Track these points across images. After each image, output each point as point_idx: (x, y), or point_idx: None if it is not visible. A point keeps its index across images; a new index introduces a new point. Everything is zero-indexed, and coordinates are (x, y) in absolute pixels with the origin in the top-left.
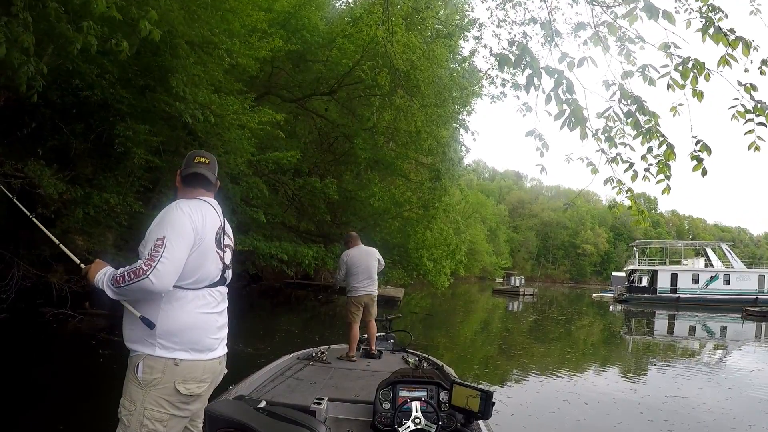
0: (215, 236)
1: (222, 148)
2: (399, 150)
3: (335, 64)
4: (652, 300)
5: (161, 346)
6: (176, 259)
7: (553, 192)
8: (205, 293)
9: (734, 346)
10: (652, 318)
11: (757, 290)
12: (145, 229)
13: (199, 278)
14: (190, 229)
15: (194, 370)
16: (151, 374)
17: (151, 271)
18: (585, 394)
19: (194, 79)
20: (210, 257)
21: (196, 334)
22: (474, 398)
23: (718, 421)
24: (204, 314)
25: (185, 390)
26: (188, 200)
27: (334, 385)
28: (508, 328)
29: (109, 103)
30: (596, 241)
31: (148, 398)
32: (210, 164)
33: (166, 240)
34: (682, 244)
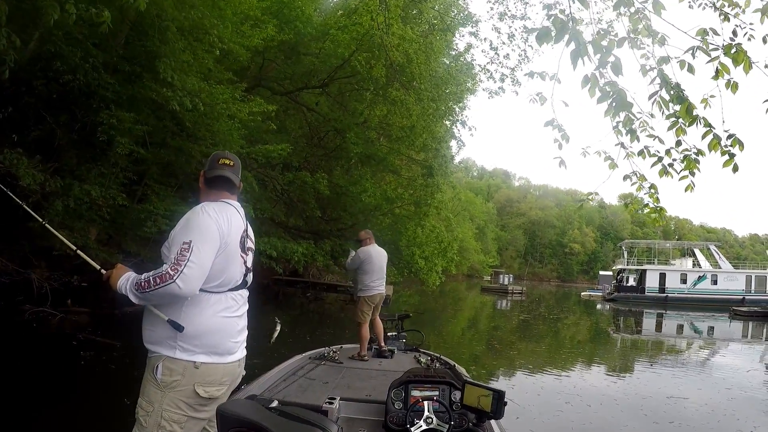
0: (240, 240)
1: (210, 139)
2: (391, 145)
3: (328, 56)
4: (640, 299)
5: (182, 349)
6: (203, 263)
7: (541, 191)
8: (228, 297)
9: (726, 346)
10: (641, 317)
11: (744, 290)
12: (129, 224)
13: (223, 282)
14: (217, 233)
15: (214, 373)
16: (171, 376)
17: (178, 276)
18: (586, 396)
19: (183, 65)
20: (235, 261)
21: (217, 338)
22: (486, 398)
23: (722, 423)
24: (225, 318)
25: (204, 393)
26: (213, 203)
27: (346, 385)
28: (500, 326)
29: (93, 90)
30: (583, 240)
31: (166, 400)
32: (234, 166)
33: (192, 244)
34: (670, 245)
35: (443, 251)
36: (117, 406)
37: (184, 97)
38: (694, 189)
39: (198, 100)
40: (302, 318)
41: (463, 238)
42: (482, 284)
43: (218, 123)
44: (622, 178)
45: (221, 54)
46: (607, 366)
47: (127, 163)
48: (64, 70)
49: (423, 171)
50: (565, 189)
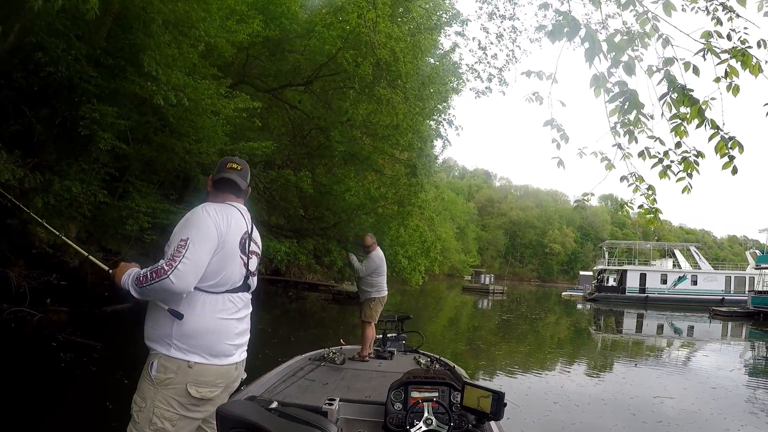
0: (240, 241)
1: (194, 135)
2: (376, 144)
3: (313, 53)
4: (621, 299)
5: (176, 347)
6: (198, 260)
7: (522, 191)
8: (225, 298)
9: (708, 346)
10: (621, 317)
11: (723, 291)
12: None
13: (220, 281)
14: (215, 232)
15: (207, 374)
16: (165, 374)
17: (172, 271)
18: (573, 396)
19: (168, 60)
20: (233, 262)
21: (212, 339)
22: (486, 399)
23: (710, 422)
24: (222, 319)
25: (197, 393)
26: (215, 204)
27: (345, 386)
28: (483, 326)
29: (76, 83)
30: (564, 240)
31: (158, 397)
32: (242, 171)
33: (189, 241)
34: (650, 245)
35: (426, 251)
36: (98, 410)
37: (169, 91)
38: (691, 191)
39: (183, 95)
40: (284, 318)
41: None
42: (463, 284)
43: (202, 119)
44: (620, 179)
45: (206, 49)
46: (591, 366)
47: (108, 159)
48: (46, 62)
49: (407, 170)
50: (545, 190)
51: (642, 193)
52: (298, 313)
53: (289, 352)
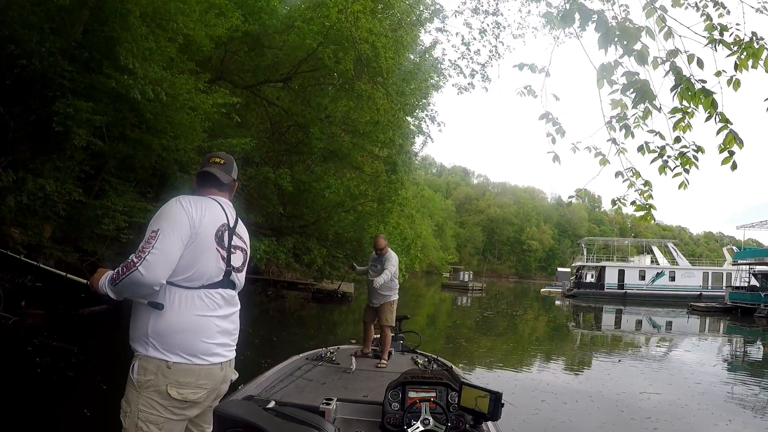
0: (215, 233)
1: (171, 132)
2: (355, 141)
3: (293, 49)
4: (599, 295)
5: (154, 347)
6: (168, 251)
7: (500, 189)
8: (202, 294)
9: (689, 341)
10: (601, 313)
11: (701, 286)
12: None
13: (193, 275)
14: (186, 222)
15: (188, 374)
16: (145, 375)
17: (141, 263)
18: (561, 393)
19: (145, 53)
20: (207, 254)
21: (188, 337)
22: (483, 399)
23: (698, 417)
24: (199, 316)
25: (177, 395)
26: (191, 196)
27: (343, 386)
28: (464, 323)
29: (50, 78)
30: (541, 237)
31: (141, 400)
32: (224, 165)
33: (159, 232)
34: (628, 242)
35: (407, 248)
36: (76, 417)
37: (146, 85)
38: (688, 186)
39: (160, 89)
40: (264, 317)
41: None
42: (442, 281)
43: (180, 115)
44: (615, 174)
45: (184, 43)
46: (575, 362)
47: (83, 156)
48: (19, 54)
49: (387, 167)
50: (523, 187)
51: (636, 189)
52: (278, 312)
53: (272, 352)
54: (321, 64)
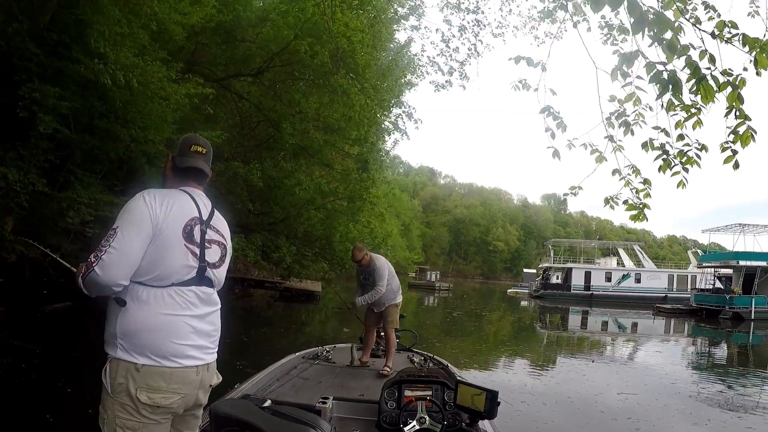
0: (183, 229)
1: (140, 122)
2: (327, 137)
3: (266, 42)
4: (566, 296)
5: (122, 348)
6: (125, 249)
7: (466, 189)
8: (172, 292)
9: (657, 342)
10: (567, 314)
11: (666, 288)
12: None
13: (161, 274)
14: (147, 218)
15: (158, 377)
16: (116, 379)
17: (97, 263)
18: (539, 394)
19: (116, 38)
20: (173, 251)
21: (157, 338)
22: (479, 397)
23: (677, 417)
24: (168, 316)
25: (147, 399)
26: (157, 190)
27: (339, 385)
28: (434, 323)
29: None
30: (507, 238)
31: (116, 405)
32: (206, 154)
33: (118, 230)
34: (595, 244)
35: (377, 247)
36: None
37: (117, 71)
38: (686, 186)
39: (132, 75)
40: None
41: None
42: (408, 280)
43: (151, 104)
44: (611, 172)
45: (157, 31)
46: (550, 363)
47: (49, 145)
48: None
49: (358, 165)
50: (490, 188)
51: (632, 188)
52: (244, 311)
53: (244, 353)
54: (295, 59)
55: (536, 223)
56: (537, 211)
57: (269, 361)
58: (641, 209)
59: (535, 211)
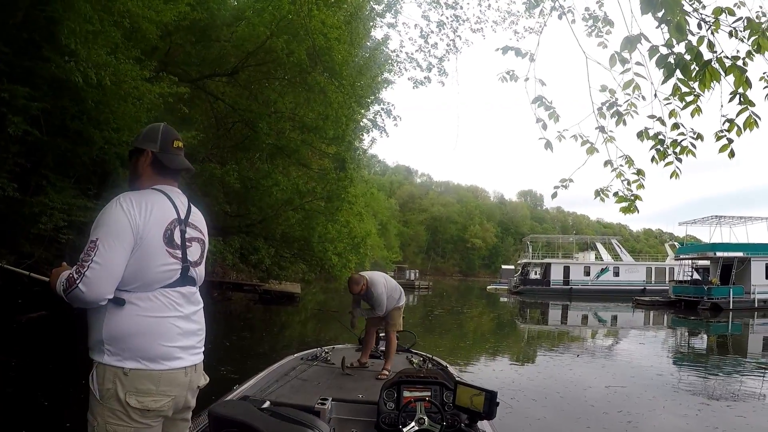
0: (164, 234)
1: (114, 123)
2: (304, 137)
3: (241, 40)
4: (545, 291)
5: (109, 353)
6: (109, 263)
7: (443, 187)
8: (157, 294)
9: (639, 334)
10: (547, 309)
11: (644, 281)
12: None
13: (145, 283)
14: (128, 228)
15: (147, 381)
16: (104, 384)
17: (81, 279)
18: (528, 391)
19: (88, 36)
20: (156, 258)
21: (145, 341)
22: (478, 398)
23: (668, 408)
24: (155, 318)
25: (137, 403)
26: (134, 193)
27: (338, 386)
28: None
29: None
30: (484, 235)
31: (106, 411)
32: (184, 148)
33: (98, 242)
34: (573, 239)
35: (356, 246)
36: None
37: (89, 69)
38: (680, 176)
39: (104, 74)
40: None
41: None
42: None
43: (124, 104)
44: (603, 163)
45: (130, 29)
46: (536, 358)
47: (19, 148)
48: None
49: (335, 164)
50: (466, 186)
51: (624, 179)
52: (224, 315)
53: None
54: (270, 58)
55: (513, 219)
56: (514, 208)
57: (255, 365)
58: (632, 201)
59: (512, 207)
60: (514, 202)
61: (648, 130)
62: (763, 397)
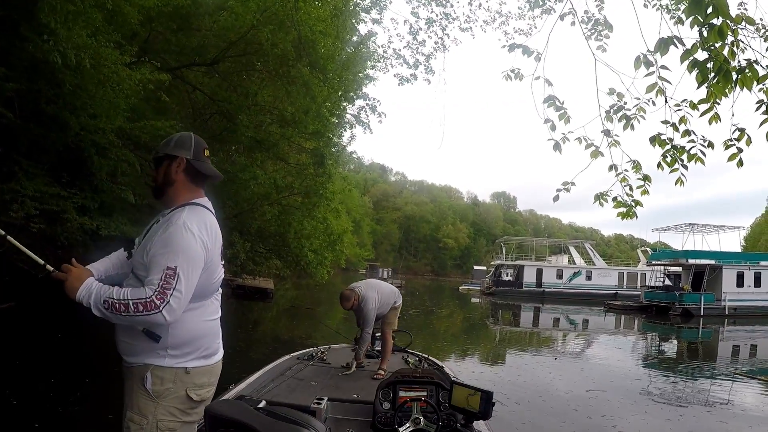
0: (221, 251)
1: (91, 108)
2: (283, 131)
3: (224, 30)
4: (518, 293)
5: (171, 356)
6: (189, 291)
7: (417, 187)
8: (212, 301)
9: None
10: (520, 310)
11: (617, 286)
12: None
13: (207, 293)
14: (202, 255)
15: (203, 375)
16: (162, 385)
17: (165, 306)
18: (512, 394)
19: (69, 16)
20: (217, 272)
21: (206, 342)
22: (474, 398)
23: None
24: (210, 321)
25: (197, 396)
26: (193, 215)
27: (334, 385)
28: None
29: None
30: (457, 235)
31: (160, 409)
32: None
33: (179, 270)
34: (547, 241)
35: (332, 243)
36: None
37: (68, 49)
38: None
39: (84, 55)
40: None
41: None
42: (360, 277)
43: (102, 89)
44: (608, 168)
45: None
46: (513, 362)
47: None
48: None
49: (314, 159)
50: (440, 185)
51: (626, 185)
52: None
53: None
54: (252, 49)
55: (486, 220)
56: (487, 209)
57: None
58: (631, 207)
59: (485, 209)
60: (487, 204)
61: (660, 136)
62: (742, 403)
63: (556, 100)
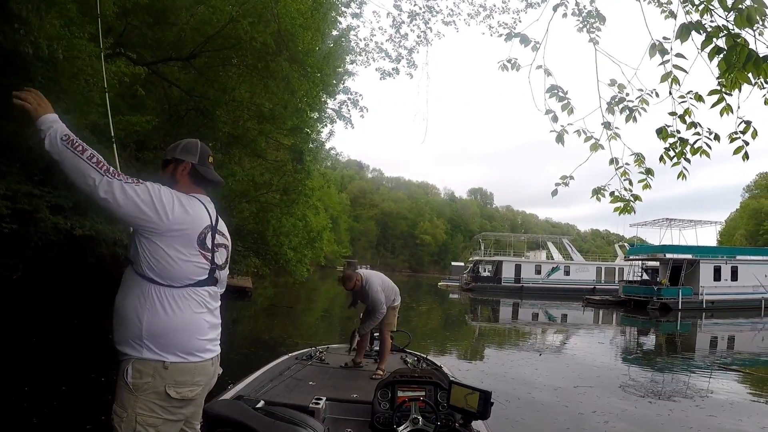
0: (198, 236)
1: (64, 102)
2: (262, 126)
3: (201, 23)
4: (497, 289)
5: (149, 349)
6: (135, 201)
7: (394, 183)
8: (190, 292)
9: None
10: (499, 306)
11: (595, 281)
12: None
13: (176, 275)
14: (170, 206)
15: (185, 373)
16: (141, 378)
17: (112, 180)
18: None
19: (41, 5)
20: (188, 253)
21: (184, 336)
22: (472, 398)
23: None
24: (193, 314)
25: (176, 394)
26: (177, 192)
27: (332, 385)
28: None
29: None
30: (434, 231)
31: (138, 403)
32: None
33: (146, 185)
34: (525, 237)
35: (311, 241)
36: None
37: (41, 40)
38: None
39: (57, 46)
40: None
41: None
42: (338, 274)
43: (77, 83)
44: (609, 161)
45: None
46: (498, 358)
47: None
48: None
49: (293, 156)
50: (417, 182)
51: (626, 179)
52: None
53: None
54: (230, 43)
55: (463, 216)
56: (464, 205)
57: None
58: (629, 202)
59: (462, 204)
60: (465, 200)
61: (668, 128)
62: (728, 395)
63: (560, 90)
